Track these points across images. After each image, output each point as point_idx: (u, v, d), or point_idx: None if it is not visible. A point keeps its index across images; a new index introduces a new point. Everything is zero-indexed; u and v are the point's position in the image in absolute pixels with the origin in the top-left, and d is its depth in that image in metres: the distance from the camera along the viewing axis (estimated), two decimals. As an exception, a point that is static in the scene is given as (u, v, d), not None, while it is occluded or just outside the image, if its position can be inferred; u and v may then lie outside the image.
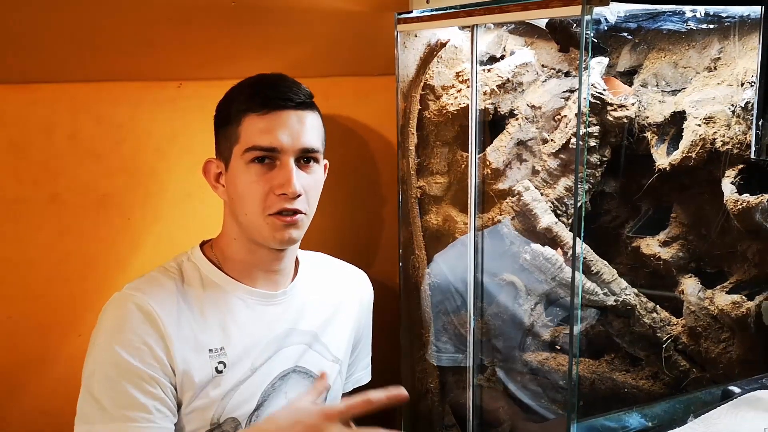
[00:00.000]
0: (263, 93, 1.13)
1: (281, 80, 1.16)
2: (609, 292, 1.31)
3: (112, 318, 1.09)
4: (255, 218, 1.13)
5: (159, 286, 1.12)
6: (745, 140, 1.26)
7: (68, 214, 1.32)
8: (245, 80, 1.17)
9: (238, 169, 1.13)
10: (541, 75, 1.39)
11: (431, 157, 1.49)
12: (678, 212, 1.39)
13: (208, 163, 1.19)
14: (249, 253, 1.17)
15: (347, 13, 1.41)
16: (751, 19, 1.26)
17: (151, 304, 1.08)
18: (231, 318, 1.15)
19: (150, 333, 1.07)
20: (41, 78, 1.26)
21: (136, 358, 1.05)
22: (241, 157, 1.12)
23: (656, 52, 1.36)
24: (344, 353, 1.30)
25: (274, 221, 1.12)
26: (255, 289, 1.18)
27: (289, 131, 1.11)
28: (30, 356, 1.33)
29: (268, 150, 1.11)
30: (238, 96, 1.15)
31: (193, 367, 1.09)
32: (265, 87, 1.14)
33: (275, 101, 1.12)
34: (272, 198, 1.11)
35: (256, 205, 1.12)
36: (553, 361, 1.36)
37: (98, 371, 1.06)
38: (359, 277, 1.38)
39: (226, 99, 1.18)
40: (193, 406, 1.10)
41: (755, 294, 1.31)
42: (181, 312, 1.11)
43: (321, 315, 1.26)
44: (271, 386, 1.17)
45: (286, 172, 1.11)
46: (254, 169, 1.12)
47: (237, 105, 1.14)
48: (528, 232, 1.34)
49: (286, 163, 1.11)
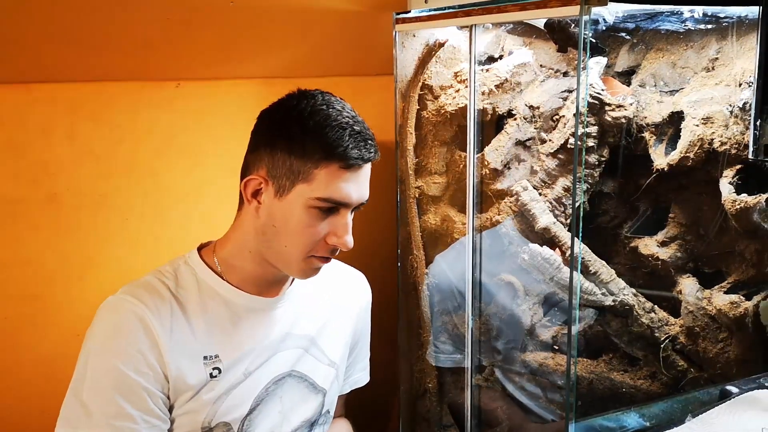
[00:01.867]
0: (356, 148, 1.06)
1: (365, 130, 1.10)
2: (607, 292, 1.31)
3: (106, 323, 1.07)
4: (295, 255, 1.10)
5: (153, 292, 1.10)
6: (742, 140, 1.26)
7: (66, 214, 1.32)
8: (331, 114, 1.07)
9: (296, 207, 1.07)
10: (540, 75, 1.39)
11: (429, 157, 1.49)
12: (676, 212, 1.39)
13: (253, 180, 1.10)
14: (259, 267, 1.15)
15: (345, 13, 1.41)
16: (749, 20, 1.26)
17: (145, 310, 1.07)
18: (227, 325, 1.14)
19: (143, 340, 1.06)
20: (40, 78, 1.26)
21: (129, 367, 1.04)
22: (305, 199, 1.07)
23: (654, 52, 1.36)
24: (341, 356, 1.29)
25: (313, 262, 1.11)
26: (252, 296, 1.17)
27: (360, 188, 1.09)
28: (28, 356, 1.33)
29: (338, 203, 1.08)
30: (324, 134, 1.05)
31: (187, 373, 1.08)
32: (357, 141, 1.07)
33: (361, 160, 1.07)
34: (321, 244, 1.10)
35: (302, 246, 1.09)
36: (552, 361, 1.36)
37: (89, 377, 1.05)
38: (357, 279, 1.38)
39: (298, 122, 1.07)
40: (184, 408, 1.09)
41: (753, 294, 1.31)
42: (176, 318, 1.10)
43: (318, 318, 1.25)
44: (265, 391, 1.16)
45: (344, 224, 1.09)
46: (315, 215, 1.07)
47: (321, 145, 1.05)
48: (526, 232, 1.35)
49: (344, 215, 1.09)
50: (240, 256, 1.15)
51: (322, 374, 1.24)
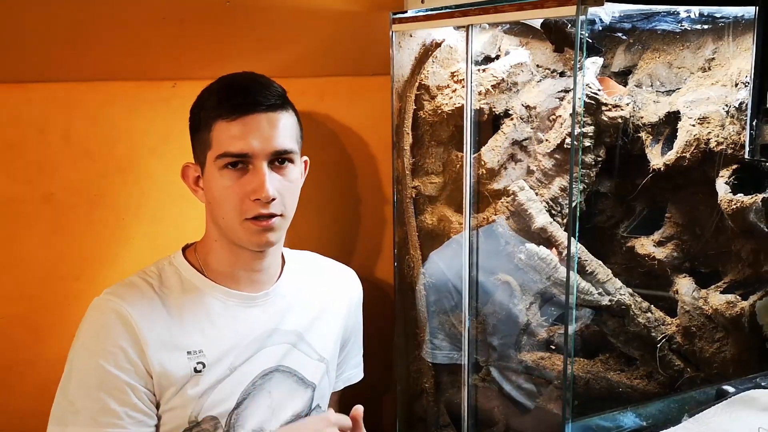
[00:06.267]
0: (232, 98, 1.11)
1: (250, 81, 1.14)
2: (604, 291, 1.31)
3: (90, 324, 1.10)
4: (232, 223, 1.13)
5: (136, 290, 1.13)
6: (739, 140, 1.27)
7: (62, 214, 1.32)
8: (215, 83, 1.16)
9: (213, 175, 1.12)
10: (536, 75, 1.39)
11: (426, 157, 1.49)
12: (672, 212, 1.40)
13: (186, 167, 1.19)
14: (230, 254, 1.17)
15: (342, 13, 1.41)
16: (745, 20, 1.26)
17: (127, 308, 1.09)
18: (210, 321, 1.15)
19: (125, 337, 1.08)
20: (35, 77, 1.26)
21: (111, 364, 1.07)
22: (214, 163, 1.11)
23: (651, 52, 1.37)
24: (331, 352, 1.30)
25: (250, 226, 1.12)
26: (235, 291, 1.19)
27: (260, 135, 1.10)
28: (23, 356, 1.33)
29: (239, 156, 1.10)
30: (208, 101, 1.14)
31: (170, 368, 1.10)
32: (233, 91, 1.12)
33: (244, 106, 1.10)
34: (247, 203, 1.11)
35: (232, 210, 1.12)
36: (548, 360, 1.36)
37: (75, 376, 1.08)
38: (347, 275, 1.38)
39: (197, 103, 1.16)
40: (171, 404, 1.11)
41: (749, 294, 1.32)
42: (158, 315, 1.12)
43: (306, 314, 1.26)
44: (252, 385, 1.17)
45: (258, 177, 1.10)
46: (227, 175, 1.11)
47: (207, 110, 1.12)
48: (523, 232, 1.35)
49: (258, 167, 1.10)
50: (213, 248, 1.18)
51: (311, 369, 1.25)
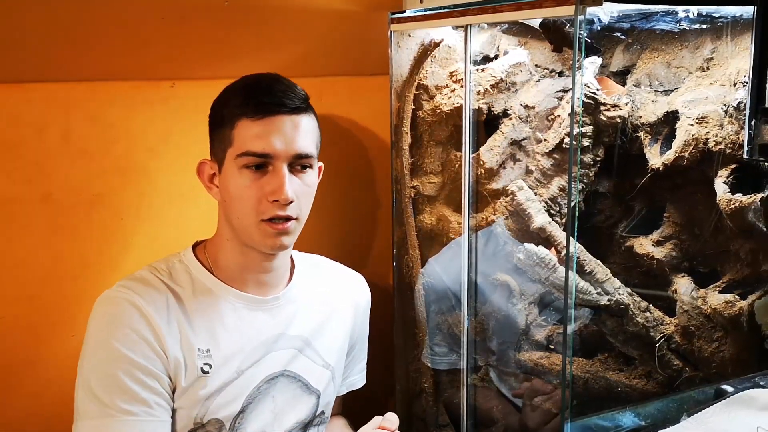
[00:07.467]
0: (257, 97, 1.11)
1: (276, 83, 1.13)
2: (602, 291, 1.31)
3: (106, 315, 1.09)
4: (247, 223, 1.12)
5: (148, 285, 1.12)
6: (737, 140, 1.27)
7: (61, 214, 1.32)
8: (240, 81, 1.16)
9: (231, 173, 1.12)
10: (535, 75, 1.39)
11: (425, 157, 1.49)
12: (671, 212, 1.40)
13: (202, 164, 1.18)
14: (241, 255, 1.17)
15: (341, 12, 1.41)
16: (744, 20, 1.26)
17: (141, 300, 1.09)
18: (219, 322, 1.15)
19: (144, 327, 1.07)
20: (34, 77, 1.26)
21: (135, 352, 1.06)
22: (234, 161, 1.11)
23: (649, 52, 1.37)
24: (337, 359, 1.29)
25: (266, 228, 1.12)
26: (245, 294, 1.18)
27: (282, 137, 1.10)
28: (23, 357, 1.33)
29: (261, 156, 1.10)
30: (233, 98, 1.13)
31: (182, 363, 1.10)
32: (259, 90, 1.12)
33: (269, 106, 1.10)
34: (265, 204, 1.11)
35: (248, 210, 1.11)
36: (547, 360, 1.36)
37: (96, 367, 1.06)
38: (356, 282, 1.38)
39: (220, 100, 1.16)
40: (178, 404, 1.10)
41: (748, 293, 1.32)
42: (172, 309, 1.11)
43: (314, 320, 1.25)
44: (257, 389, 1.17)
45: (278, 178, 1.10)
46: (247, 174, 1.11)
47: (231, 108, 1.12)
48: (522, 232, 1.35)
49: (279, 169, 1.10)
50: (224, 247, 1.18)
51: (317, 375, 1.24)
